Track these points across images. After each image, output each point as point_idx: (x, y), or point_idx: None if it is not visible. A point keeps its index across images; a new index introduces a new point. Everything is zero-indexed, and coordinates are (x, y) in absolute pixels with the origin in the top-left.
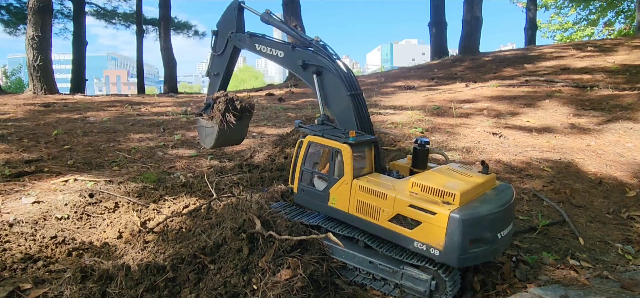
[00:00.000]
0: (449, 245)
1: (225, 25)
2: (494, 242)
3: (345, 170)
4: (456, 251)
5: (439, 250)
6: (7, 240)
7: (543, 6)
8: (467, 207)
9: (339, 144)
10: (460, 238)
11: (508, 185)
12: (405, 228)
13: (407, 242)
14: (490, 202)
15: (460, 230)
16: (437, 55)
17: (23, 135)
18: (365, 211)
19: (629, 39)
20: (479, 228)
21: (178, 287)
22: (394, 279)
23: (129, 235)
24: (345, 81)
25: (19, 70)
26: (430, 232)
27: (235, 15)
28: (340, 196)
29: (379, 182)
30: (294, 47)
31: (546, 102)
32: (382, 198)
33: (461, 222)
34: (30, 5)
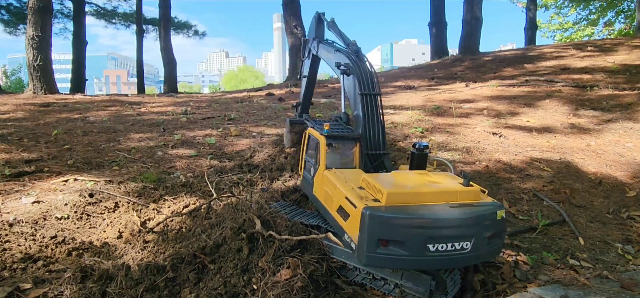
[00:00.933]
0: (359, 241)
1: (310, 33)
2: (420, 253)
3: (320, 160)
4: (363, 248)
5: (355, 244)
6: (7, 240)
7: (543, 6)
8: (390, 207)
9: (318, 135)
10: (366, 235)
11: (491, 204)
12: (342, 219)
13: (342, 233)
14: (430, 211)
15: (366, 227)
16: (437, 55)
17: (23, 135)
18: (327, 200)
19: (629, 39)
20: (390, 230)
21: (178, 287)
22: (394, 279)
23: (129, 235)
24: (361, 81)
25: (19, 70)
26: (352, 226)
27: (314, 24)
28: (317, 184)
29: (338, 174)
30: (337, 50)
31: (546, 102)
32: (334, 189)
33: (368, 218)
34: (30, 5)
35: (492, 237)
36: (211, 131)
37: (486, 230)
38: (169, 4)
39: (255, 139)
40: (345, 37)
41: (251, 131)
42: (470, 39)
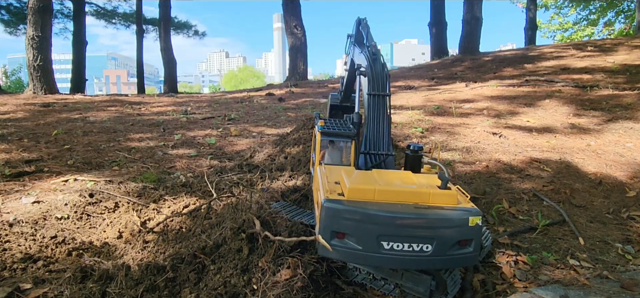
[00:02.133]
0: (318, 231)
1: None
2: (373, 249)
3: (315, 156)
4: (322, 243)
5: None
6: (7, 240)
7: (543, 6)
8: (349, 201)
9: (315, 131)
10: (322, 225)
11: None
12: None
13: (314, 226)
14: (386, 209)
15: (323, 217)
16: (437, 55)
17: (23, 135)
18: (314, 197)
19: (629, 39)
20: (343, 223)
21: (178, 287)
22: (394, 279)
23: (129, 235)
24: (371, 81)
25: (19, 70)
26: (317, 218)
27: (355, 27)
28: (314, 179)
29: (327, 170)
30: (360, 52)
31: (546, 102)
32: (317, 185)
33: (325, 209)
34: (30, 5)
35: (464, 244)
36: (211, 131)
37: (452, 235)
38: (169, 4)
39: (255, 139)
40: (370, 37)
41: (251, 131)
42: (470, 39)
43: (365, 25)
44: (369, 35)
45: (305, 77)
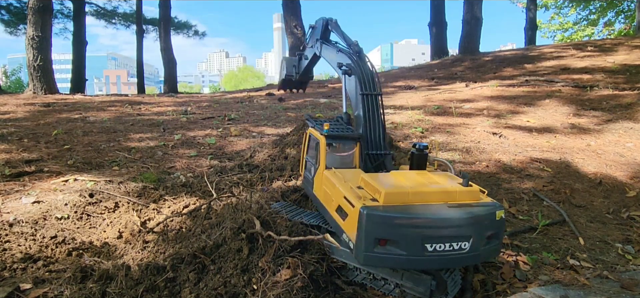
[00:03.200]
0: (358, 239)
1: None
2: (418, 253)
3: (320, 160)
4: (361, 247)
5: (353, 243)
6: (7, 240)
7: (543, 6)
8: (388, 207)
9: (318, 134)
10: (365, 234)
11: (490, 205)
12: (341, 219)
13: (340, 232)
14: (427, 211)
15: (365, 226)
16: (437, 55)
17: (23, 135)
18: (326, 200)
19: (629, 39)
20: (388, 229)
21: (178, 287)
22: (395, 279)
23: (129, 235)
24: (362, 81)
25: (19, 70)
26: (350, 225)
27: (322, 27)
28: (317, 184)
29: (338, 174)
30: (339, 50)
31: (546, 102)
32: (333, 188)
33: (367, 217)
34: (30, 5)
35: (490, 237)
36: (211, 131)
37: (485, 230)
38: (169, 4)
39: (255, 139)
40: (347, 37)
41: (251, 131)
42: (470, 39)
43: (335, 25)
44: (346, 35)
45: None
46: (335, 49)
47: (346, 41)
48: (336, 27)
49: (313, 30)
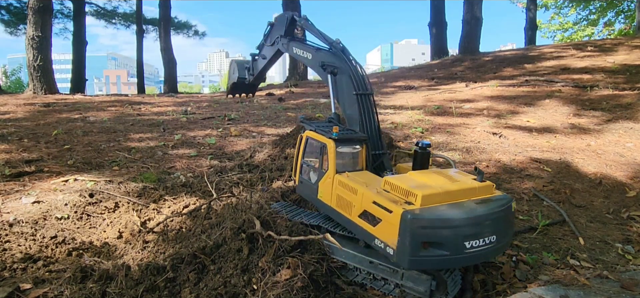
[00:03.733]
0: (401, 244)
1: (278, 26)
2: (458, 251)
3: (329, 164)
4: (406, 252)
5: (393, 249)
6: (7, 240)
7: (543, 6)
8: (427, 209)
9: (325, 138)
10: (410, 238)
11: (506, 197)
12: (369, 224)
13: (370, 239)
14: (464, 209)
15: (410, 231)
16: (437, 55)
17: (23, 135)
18: (342, 205)
19: (629, 39)
20: (433, 232)
21: (178, 287)
22: (395, 279)
23: (129, 235)
24: (355, 81)
25: (19, 70)
26: (387, 230)
27: (286, 22)
28: (325, 189)
29: (355, 178)
30: (318, 49)
31: (546, 102)
32: (354, 194)
33: (412, 222)
34: (30, 5)
35: (509, 228)
36: (211, 131)
37: (506, 222)
38: (169, 4)
39: (255, 139)
40: (326, 36)
41: (251, 131)
42: (470, 39)
43: (308, 22)
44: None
45: (305, 77)
46: (312, 48)
47: (326, 39)
48: (309, 25)
49: (273, 28)
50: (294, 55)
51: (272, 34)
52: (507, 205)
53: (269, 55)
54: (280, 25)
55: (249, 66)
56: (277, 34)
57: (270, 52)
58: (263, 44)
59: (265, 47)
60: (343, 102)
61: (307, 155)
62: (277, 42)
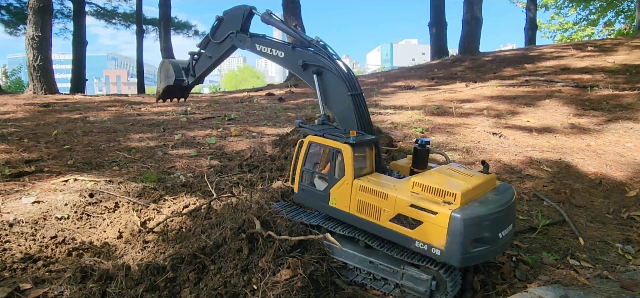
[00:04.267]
0: (451, 244)
1: (230, 21)
2: (495, 242)
3: (346, 170)
4: (458, 251)
5: (440, 249)
6: (7, 240)
7: (543, 6)
8: (468, 206)
9: (339, 143)
10: (462, 238)
11: (508, 186)
12: (406, 228)
13: (408, 242)
14: (491, 202)
15: (461, 230)
16: (437, 55)
17: (23, 135)
18: (366, 211)
19: (629, 39)
20: (479, 228)
21: (178, 287)
22: (395, 279)
23: (129, 235)
24: (346, 81)
25: (18, 70)
26: (431, 232)
27: (243, 16)
28: (340, 196)
29: (379, 182)
30: (294, 48)
31: (546, 102)
32: (383, 198)
33: (462, 222)
34: (30, 5)
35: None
36: (211, 131)
37: (515, 209)
38: (169, 3)
39: (255, 139)
40: (299, 32)
41: (251, 131)
42: (470, 39)
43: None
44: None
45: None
46: (285, 45)
47: (301, 37)
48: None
49: (223, 23)
50: (257, 53)
51: (222, 29)
52: (513, 193)
53: (217, 53)
54: (235, 19)
55: (187, 66)
56: (230, 30)
57: (220, 50)
58: (208, 41)
59: (212, 44)
60: (332, 102)
61: (310, 161)
62: (232, 38)
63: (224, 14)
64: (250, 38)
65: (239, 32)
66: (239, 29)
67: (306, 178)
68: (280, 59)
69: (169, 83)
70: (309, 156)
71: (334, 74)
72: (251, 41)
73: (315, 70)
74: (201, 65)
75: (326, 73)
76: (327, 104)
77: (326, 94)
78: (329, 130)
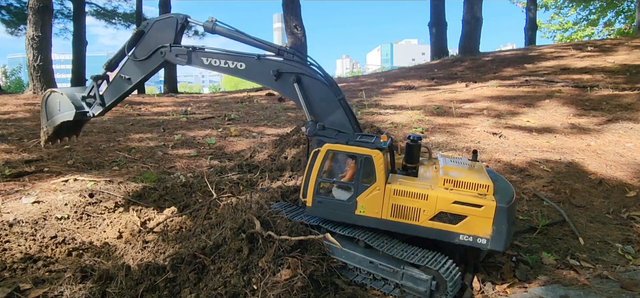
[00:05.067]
0: (497, 233)
1: (157, 34)
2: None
3: (377, 176)
4: (503, 237)
5: (486, 238)
6: (7, 240)
7: (543, 6)
8: (500, 195)
9: (369, 150)
10: (507, 224)
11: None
12: (448, 224)
13: (451, 237)
14: (504, 188)
15: (506, 218)
16: (437, 55)
17: (23, 135)
18: (403, 214)
19: (629, 39)
20: (513, 213)
21: (178, 287)
22: (395, 279)
23: (129, 235)
24: (331, 86)
25: (19, 70)
26: (476, 224)
27: (176, 28)
28: (370, 203)
29: (414, 183)
30: (260, 57)
31: (546, 102)
32: (423, 199)
33: (506, 211)
34: (31, 5)
35: None
36: (211, 131)
37: None
38: (169, 3)
39: (255, 139)
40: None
41: (251, 131)
42: (470, 39)
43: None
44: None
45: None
46: (244, 57)
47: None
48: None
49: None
50: (204, 67)
51: (145, 45)
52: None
53: (140, 74)
54: (164, 32)
55: (88, 93)
56: (159, 44)
57: (144, 70)
58: (124, 59)
59: (132, 63)
60: (321, 110)
61: (329, 170)
62: (163, 53)
63: (146, 27)
64: (194, 51)
65: (173, 46)
66: (173, 42)
67: (322, 190)
68: (239, 71)
69: (67, 118)
70: (325, 166)
71: (317, 81)
72: (195, 54)
73: (294, 79)
74: (115, 89)
75: (307, 80)
76: (315, 112)
77: (311, 102)
78: (355, 138)
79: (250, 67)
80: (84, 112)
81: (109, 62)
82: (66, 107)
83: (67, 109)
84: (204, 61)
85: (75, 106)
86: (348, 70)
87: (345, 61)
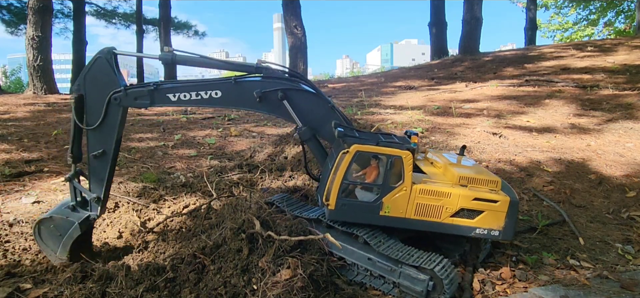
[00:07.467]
0: (508, 224)
1: (98, 83)
2: None
3: (405, 176)
4: (512, 228)
5: (499, 231)
6: (7, 240)
7: (543, 6)
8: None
9: (399, 151)
10: (516, 216)
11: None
12: (467, 219)
13: (469, 231)
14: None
15: (516, 211)
16: (437, 55)
17: (23, 135)
18: (426, 212)
19: (629, 39)
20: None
21: (178, 287)
22: (393, 277)
23: (129, 235)
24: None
25: (18, 70)
26: (491, 218)
27: (112, 68)
28: (395, 204)
29: (437, 182)
30: (236, 80)
31: (546, 102)
32: (446, 197)
33: (516, 204)
34: (31, 5)
35: None
36: (211, 131)
37: None
38: (169, 3)
39: (255, 139)
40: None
41: (251, 131)
42: (470, 39)
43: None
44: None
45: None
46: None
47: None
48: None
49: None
50: (171, 105)
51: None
52: None
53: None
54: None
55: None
56: (106, 93)
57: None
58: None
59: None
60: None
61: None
62: (119, 99)
63: (80, 87)
64: (155, 89)
65: (128, 89)
66: (119, 84)
67: (347, 193)
68: (215, 100)
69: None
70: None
71: (305, 92)
72: (157, 93)
73: (281, 96)
74: (97, 173)
75: (295, 94)
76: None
77: (304, 115)
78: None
79: (227, 93)
80: (87, 217)
81: (71, 152)
82: (65, 227)
83: (67, 227)
84: (171, 98)
85: (81, 227)
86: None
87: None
